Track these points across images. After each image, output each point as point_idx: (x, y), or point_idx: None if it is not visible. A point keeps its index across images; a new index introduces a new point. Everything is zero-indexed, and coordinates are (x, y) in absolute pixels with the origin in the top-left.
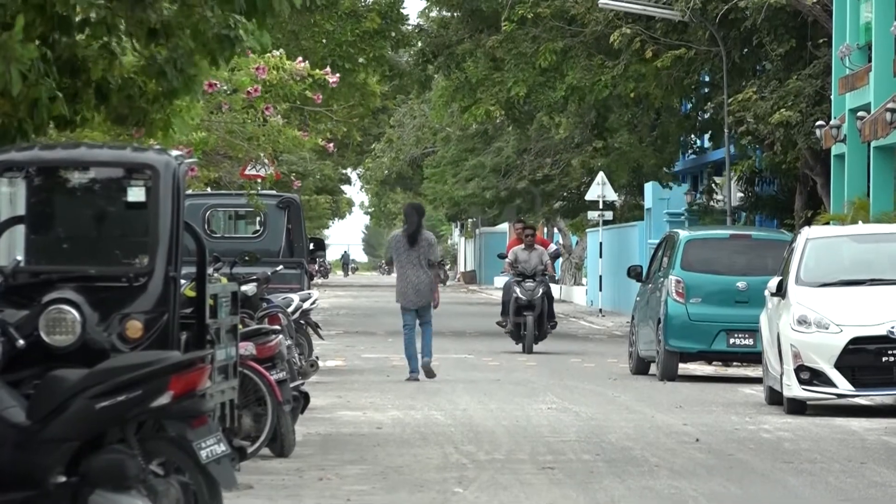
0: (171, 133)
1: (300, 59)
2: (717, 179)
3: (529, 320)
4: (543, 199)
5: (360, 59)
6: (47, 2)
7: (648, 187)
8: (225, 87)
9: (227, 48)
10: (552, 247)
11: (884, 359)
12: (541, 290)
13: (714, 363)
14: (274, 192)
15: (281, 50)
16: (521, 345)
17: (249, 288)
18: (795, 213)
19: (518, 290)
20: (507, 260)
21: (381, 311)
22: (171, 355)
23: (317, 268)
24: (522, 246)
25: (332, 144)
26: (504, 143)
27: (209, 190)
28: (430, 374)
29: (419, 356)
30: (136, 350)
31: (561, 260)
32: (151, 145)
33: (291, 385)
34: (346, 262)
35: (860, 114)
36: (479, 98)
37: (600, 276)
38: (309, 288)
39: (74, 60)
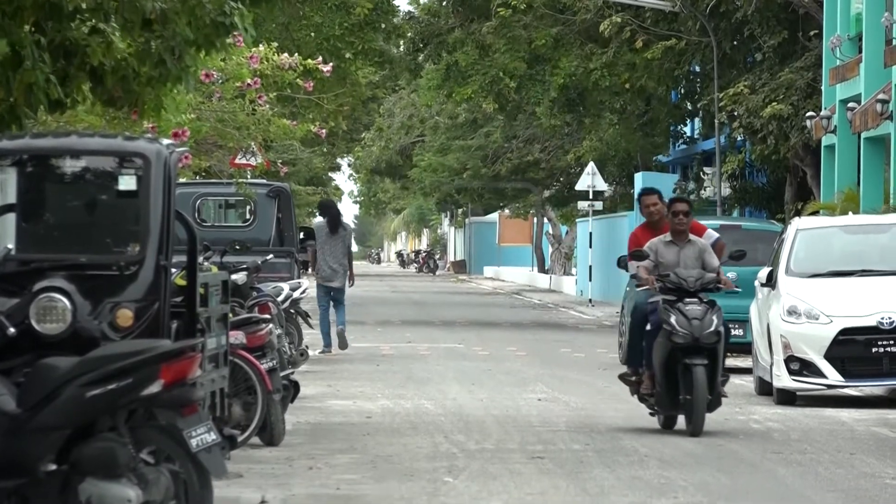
0: (163, 114)
1: (295, 54)
2: (707, 170)
3: (700, 374)
4: (534, 184)
5: (348, 55)
6: None
7: (639, 177)
8: (217, 77)
9: (223, 34)
10: (711, 234)
11: (873, 350)
12: (715, 320)
13: None
14: (264, 180)
15: (274, 43)
16: (660, 417)
17: (240, 277)
18: (786, 205)
19: (673, 318)
20: (642, 263)
21: (370, 301)
22: (162, 344)
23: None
24: (667, 236)
25: (324, 131)
26: (493, 129)
27: (199, 179)
28: (343, 343)
29: (333, 332)
30: (126, 338)
31: (551, 249)
32: (143, 134)
33: (281, 374)
34: None
35: (850, 104)
36: (468, 81)
37: (590, 266)
38: (299, 277)
39: (66, 44)
